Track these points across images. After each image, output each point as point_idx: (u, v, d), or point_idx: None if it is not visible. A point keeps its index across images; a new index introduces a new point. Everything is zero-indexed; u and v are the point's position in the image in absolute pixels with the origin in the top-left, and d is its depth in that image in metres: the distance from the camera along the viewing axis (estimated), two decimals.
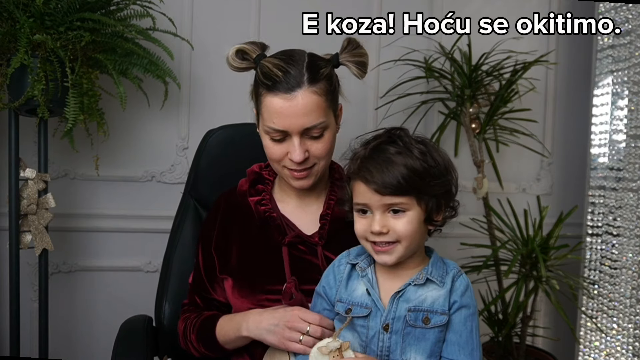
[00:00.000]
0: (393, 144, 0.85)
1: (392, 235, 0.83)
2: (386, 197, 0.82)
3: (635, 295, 1.68)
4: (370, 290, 0.87)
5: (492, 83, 1.79)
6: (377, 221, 0.83)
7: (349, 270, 0.91)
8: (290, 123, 0.96)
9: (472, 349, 0.86)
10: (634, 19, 1.69)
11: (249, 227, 1.09)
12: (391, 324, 0.84)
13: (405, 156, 0.83)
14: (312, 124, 0.97)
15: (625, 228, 1.70)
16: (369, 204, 0.84)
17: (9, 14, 1.29)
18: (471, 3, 1.95)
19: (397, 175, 0.81)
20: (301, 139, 0.98)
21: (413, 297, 0.85)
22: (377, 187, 0.82)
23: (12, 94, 1.35)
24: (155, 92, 1.62)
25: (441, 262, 0.90)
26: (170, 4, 1.60)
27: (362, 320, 0.86)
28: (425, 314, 0.84)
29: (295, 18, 1.83)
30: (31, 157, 1.56)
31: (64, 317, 1.73)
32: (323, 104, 0.98)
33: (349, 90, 1.26)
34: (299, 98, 0.95)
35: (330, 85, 1.00)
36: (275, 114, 0.97)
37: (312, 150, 1.00)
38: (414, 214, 0.84)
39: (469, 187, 1.96)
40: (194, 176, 1.35)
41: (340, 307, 0.88)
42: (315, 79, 0.97)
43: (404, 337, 0.84)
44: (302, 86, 0.96)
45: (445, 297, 0.86)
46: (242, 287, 1.05)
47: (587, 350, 1.78)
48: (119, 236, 1.75)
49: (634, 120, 1.70)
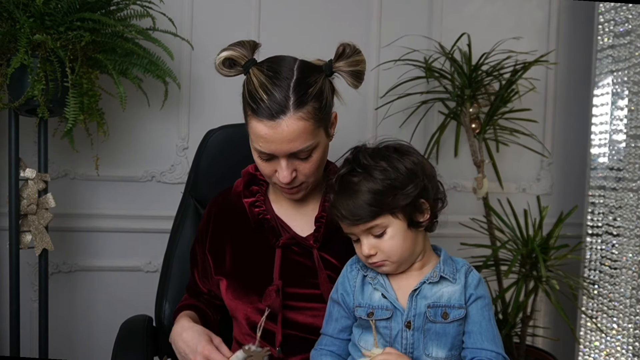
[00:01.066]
0: (353, 172, 0.89)
1: (380, 255, 0.88)
2: (360, 225, 0.87)
3: (635, 295, 1.68)
4: (385, 294, 0.90)
5: (492, 83, 1.79)
6: (365, 245, 0.88)
7: (361, 277, 0.93)
8: (275, 148, 0.94)
9: (493, 336, 0.90)
10: (634, 19, 1.69)
11: (243, 228, 1.08)
12: (413, 321, 0.87)
13: (367, 181, 0.87)
14: (298, 148, 0.94)
15: (625, 228, 1.70)
16: (352, 233, 0.90)
17: (9, 14, 1.29)
18: (471, 3, 1.95)
19: (362, 204, 0.86)
20: (288, 160, 0.96)
21: (429, 294, 0.88)
22: (349, 221, 0.87)
23: (12, 94, 1.35)
24: (155, 92, 1.62)
25: (450, 260, 0.94)
26: (170, 4, 1.60)
27: (385, 322, 0.89)
28: (444, 309, 0.88)
29: (295, 18, 1.84)
30: (31, 157, 1.56)
31: (64, 317, 1.73)
32: (310, 127, 0.93)
33: (349, 90, 1.24)
34: (284, 126, 0.91)
35: (320, 103, 0.95)
36: (260, 138, 0.94)
37: (300, 170, 0.99)
38: (394, 229, 0.88)
39: (469, 187, 1.96)
40: (194, 176, 1.35)
41: (361, 311, 0.90)
42: (302, 102, 0.92)
43: (425, 332, 0.87)
44: (287, 112, 0.91)
45: (461, 292, 0.89)
46: (236, 288, 1.05)
47: (587, 350, 1.78)
48: (119, 236, 1.75)
49: (634, 120, 1.70)
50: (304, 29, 1.82)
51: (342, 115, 1.42)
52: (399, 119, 1.88)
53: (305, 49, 1.08)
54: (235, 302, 1.05)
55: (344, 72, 0.98)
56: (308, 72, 0.96)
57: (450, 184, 1.98)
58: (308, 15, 1.83)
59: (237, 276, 1.06)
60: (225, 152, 1.34)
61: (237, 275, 1.06)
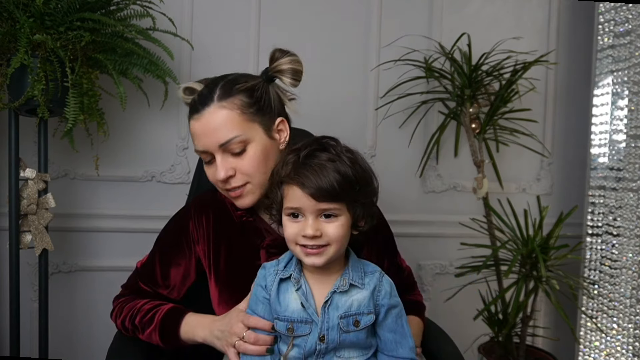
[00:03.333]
0: (325, 151, 0.86)
1: (324, 238, 0.85)
2: (321, 202, 0.83)
3: (635, 295, 1.68)
4: (305, 303, 0.87)
5: (492, 83, 1.79)
6: (311, 225, 0.84)
7: (278, 282, 0.89)
8: (204, 142, 0.98)
9: (407, 342, 0.91)
10: (634, 19, 1.69)
11: (232, 231, 1.07)
12: (326, 334, 0.86)
13: (337, 163, 0.85)
14: (225, 139, 0.96)
15: (625, 228, 1.70)
16: (302, 208, 0.85)
17: (9, 14, 1.29)
18: (471, 3, 1.95)
19: (331, 180, 0.83)
20: (223, 156, 0.98)
21: (340, 304, 0.87)
22: (313, 192, 0.83)
23: (12, 94, 1.35)
24: (155, 92, 1.62)
25: (358, 264, 0.92)
26: (170, 4, 1.60)
27: (302, 336, 0.87)
28: (355, 318, 0.87)
29: (295, 18, 1.84)
30: (31, 157, 1.56)
31: (64, 317, 1.74)
32: (236, 117, 0.97)
33: (349, 90, 1.26)
34: (206, 115, 0.97)
35: (249, 98, 0.98)
36: (194, 136, 1.00)
37: (238, 167, 0.98)
38: (344, 219, 0.86)
39: (469, 187, 1.96)
40: (199, 180, 1.35)
41: (281, 326, 0.87)
42: (227, 93, 0.97)
43: (340, 343, 0.87)
44: (211, 104, 0.97)
45: (369, 298, 0.88)
46: (227, 299, 1.04)
47: (587, 350, 1.78)
48: (119, 236, 1.75)
49: (634, 120, 1.70)
50: (304, 29, 1.82)
51: (342, 115, 1.43)
52: (399, 119, 1.88)
53: (305, 48, 1.08)
54: (226, 310, 1.02)
55: (280, 72, 1.02)
56: (242, 76, 1.02)
57: (450, 184, 1.98)
58: (308, 15, 1.83)
59: (228, 282, 1.05)
60: None
61: (228, 281, 1.05)
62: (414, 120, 1.88)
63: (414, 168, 1.93)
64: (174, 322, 1.02)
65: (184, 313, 1.03)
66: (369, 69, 1.88)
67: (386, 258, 1.13)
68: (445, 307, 1.81)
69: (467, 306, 1.81)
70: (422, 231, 1.95)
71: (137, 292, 1.11)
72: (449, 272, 1.96)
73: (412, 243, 1.93)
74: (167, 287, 1.09)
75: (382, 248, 1.13)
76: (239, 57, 1.77)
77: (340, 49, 1.86)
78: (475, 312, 1.68)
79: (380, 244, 1.13)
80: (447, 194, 1.99)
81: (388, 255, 1.15)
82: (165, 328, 1.02)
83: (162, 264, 1.09)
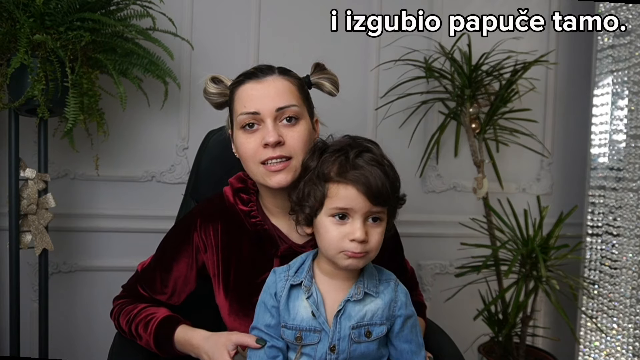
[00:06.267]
0: (369, 152, 0.82)
1: (370, 244, 0.80)
2: (375, 205, 0.79)
3: (635, 295, 1.68)
4: (316, 312, 0.83)
5: (492, 83, 1.79)
6: (360, 228, 0.79)
7: (288, 289, 0.85)
8: (261, 103, 0.95)
9: (422, 352, 0.90)
10: (634, 19, 1.69)
11: (242, 241, 1.05)
12: (337, 344, 0.83)
13: (385, 166, 0.82)
14: (285, 103, 0.96)
15: (625, 228, 1.70)
16: (353, 209, 0.79)
17: (9, 14, 1.29)
18: (471, 2, 1.95)
19: (385, 183, 0.79)
20: (274, 123, 0.96)
21: (353, 313, 0.84)
22: (372, 193, 0.78)
23: (12, 94, 1.35)
24: (155, 92, 1.62)
25: (373, 271, 0.88)
26: (170, 4, 1.60)
27: (311, 345, 0.84)
28: (367, 328, 0.84)
29: (295, 18, 1.84)
30: (31, 157, 1.56)
31: (64, 317, 1.74)
32: (296, 91, 0.99)
33: (349, 90, 1.26)
34: (270, 81, 0.98)
35: (302, 86, 1.01)
36: (246, 98, 0.97)
37: (287, 139, 0.96)
38: (384, 224, 0.83)
39: (469, 187, 1.96)
40: (195, 177, 1.35)
41: (289, 334, 0.84)
42: (286, 72, 1.00)
43: (351, 354, 0.84)
44: (273, 74, 0.99)
45: (384, 309, 0.85)
46: (238, 311, 1.03)
47: (587, 350, 1.78)
48: (119, 236, 1.75)
49: (634, 120, 1.70)
50: (304, 29, 1.82)
51: (342, 115, 1.43)
52: (399, 119, 1.88)
53: (305, 48, 1.08)
54: (237, 322, 1.02)
55: (323, 79, 1.05)
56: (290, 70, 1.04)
57: (450, 184, 1.98)
58: (308, 15, 1.83)
59: (239, 293, 1.03)
60: (226, 152, 1.33)
61: (239, 293, 1.03)
62: (414, 120, 1.88)
63: (414, 168, 1.93)
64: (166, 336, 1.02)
65: (175, 327, 1.02)
66: (368, 68, 1.88)
67: (396, 260, 1.13)
68: (445, 307, 1.81)
69: (467, 306, 1.81)
70: (422, 231, 1.95)
71: (136, 296, 1.11)
72: (449, 272, 1.96)
73: (412, 243, 1.93)
74: (165, 293, 1.08)
75: (393, 251, 1.13)
76: (239, 57, 1.77)
77: (340, 48, 1.86)
78: (475, 312, 1.68)
79: (392, 247, 1.12)
80: (447, 194, 1.99)
81: (397, 257, 1.14)
82: (159, 339, 1.02)
83: (162, 271, 1.09)
